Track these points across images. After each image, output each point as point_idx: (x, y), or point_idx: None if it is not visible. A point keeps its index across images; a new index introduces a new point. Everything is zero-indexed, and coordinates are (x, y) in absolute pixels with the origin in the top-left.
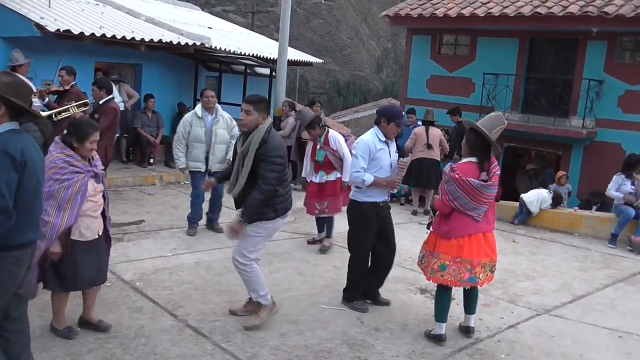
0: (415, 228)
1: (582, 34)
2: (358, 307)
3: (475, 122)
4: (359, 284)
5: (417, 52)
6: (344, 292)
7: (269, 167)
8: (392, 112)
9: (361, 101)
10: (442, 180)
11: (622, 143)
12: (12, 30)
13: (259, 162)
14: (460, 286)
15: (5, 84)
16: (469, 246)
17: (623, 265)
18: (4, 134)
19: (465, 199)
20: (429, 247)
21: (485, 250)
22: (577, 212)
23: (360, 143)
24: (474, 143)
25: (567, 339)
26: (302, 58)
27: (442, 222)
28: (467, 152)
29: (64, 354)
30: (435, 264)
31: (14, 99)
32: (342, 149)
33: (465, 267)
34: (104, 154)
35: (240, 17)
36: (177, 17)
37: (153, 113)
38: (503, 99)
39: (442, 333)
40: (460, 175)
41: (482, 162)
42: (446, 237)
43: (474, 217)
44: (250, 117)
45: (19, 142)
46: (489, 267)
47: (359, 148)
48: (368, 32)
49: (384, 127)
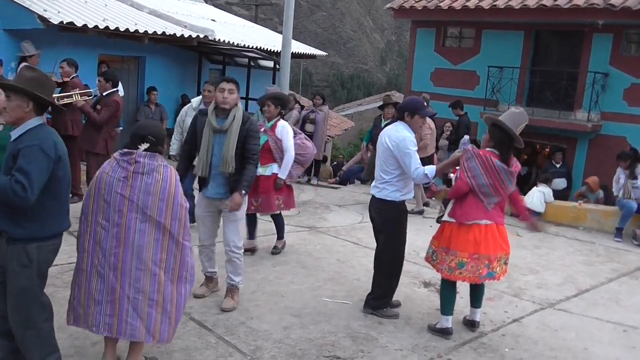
0: (419, 221)
1: (588, 26)
2: (391, 315)
3: (499, 118)
4: (393, 289)
5: (422, 45)
6: (374, 300)
7: (255, 142)
8: (415, 104)
9: (365, 94)
10: (461, 159)
11: (628, 136)
12: (15, 23)
13: (243, 138)
14: (479, 282)
15: (29, 79)
16: (486, 241)
17: (628, 259)
18: (34, 129)
19: (483, 178)
20: (442, 243)
21: (501, 244)
22: (582, 205)
23: (406, 140)
24: (499, 139)
25: (572, 333)
26: (306, 51)
27: (457, 206)
28: (489, 146)
29: (68, 346)
30: (452, 261)
31: (41, 93)
32: (287, 142)
33: (484, 262)
34: (104, 146)
35: (244, 9)
36: (180, 9)
37: (156, 106)
38: (508, 91)
39: (448, 326)
40: (483, 153)
41: (504, 157)
42: (462, 219)
43: (485, 205)
44: (234, 96)
45: (51, 137)
46: (504, 260)
47: (408, 144)
48: (372, 25)
49: (408, 122)
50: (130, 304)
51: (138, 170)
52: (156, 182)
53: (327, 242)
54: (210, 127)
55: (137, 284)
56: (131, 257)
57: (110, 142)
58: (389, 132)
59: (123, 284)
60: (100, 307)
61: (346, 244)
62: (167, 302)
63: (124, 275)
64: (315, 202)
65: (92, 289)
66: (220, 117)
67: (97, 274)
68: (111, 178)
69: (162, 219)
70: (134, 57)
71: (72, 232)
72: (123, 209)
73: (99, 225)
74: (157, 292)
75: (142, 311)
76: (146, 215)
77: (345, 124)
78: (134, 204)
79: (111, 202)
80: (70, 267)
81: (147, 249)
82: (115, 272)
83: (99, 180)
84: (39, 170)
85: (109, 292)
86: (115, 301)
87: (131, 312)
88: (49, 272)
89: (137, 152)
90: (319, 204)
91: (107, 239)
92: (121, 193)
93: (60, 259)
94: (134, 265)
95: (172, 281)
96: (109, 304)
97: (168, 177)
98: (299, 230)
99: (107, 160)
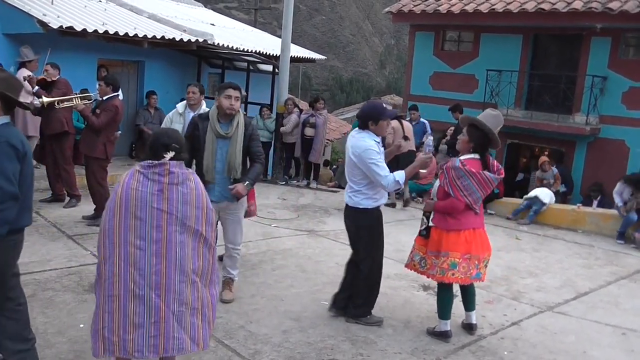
0: (417, 225)
1: (586, 30)
2: (374, 321)
3: (477, 118)
4: (374, 296)
5: (420, 49)
6: (355, 309)
7: (258, 144)
8: (374, 111)
9: (364, 98)
10: (448, 177)
11: (626, 140)
12: (15, 27)
13: (247, 142)
14: (468, 282)
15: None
16: (475, 242)
17: (627, 262)
18: (1, 127)
19: (479, 192)
20: (430, 247)
21: (487, 245)
22: (581, 208)
23: (368, 151)
24: (479, 140)
25: (571, 336)
26: (305, 55)
27: (449, 217)
28: (468, 149)
29: (67, 351)
30: (444, 263)
31: (9, 93)
32: None
33: (474, 263)
34: (104, 150)
35: (243, 13)
36: (179, 13)
37: (155, 110)
38: (506, 95)
39: (447, 329)
40: (476, 169)
41: (484, 159)
42: (454, 228)
43: (475, 210)
44: (239, 103)
45: (17, 134)
46: (486, 262)
47: (370, 155)
48: (371, 29)
49: (374, 129)
50: (175, 319)
51: (173, 182)
52: (190, 190)
53: (326, 246)
54: (214, 133)
55: (180, 297)
56: (174, 272)
57: (109, 146)
58: (352, 142)
59: (168, 301)
60: (142, 330)
61: (345, 247)
62: (205, 307)
63: (169, 291)
64: (314, 206)
65: (130, 313)
66: (223, 122)
67: (135, 298)
68: (143, 193)
69: (200, 227)
70: (133, 62)
71: (72, 236)
72: (162, 224)
73: (132, 246)
74: (197, 300)
75: (185, 322)
76: (185, 226)
77: (344, 127)
78: (173, 217)
79: (146, 219)
80: (69, 271)
81: (188, 260)
82: (158, 290)
83: (125, 197)
84: (11, 163)
85: (153, 314)
86: (161, 320)
87: (176, 326)
88: (47, 277)
89: (169, 162)
90: (318, 208)
91: (144, 259)
92: (158, 207)
93: (59, 263)
94: (177, 279)
95: (206, 286)
96: (153, 325)
97: (198, 184)
98: (298, 234)
99: (127, 176)
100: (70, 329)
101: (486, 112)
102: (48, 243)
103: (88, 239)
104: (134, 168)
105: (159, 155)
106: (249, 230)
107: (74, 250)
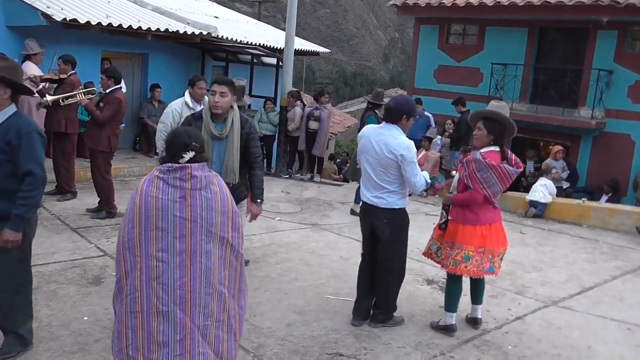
0: (422, 219)
1: (592, 23)
2: (399, 321)
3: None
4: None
5: (425, 42)
6: (383, 315)
7: (257, 144)
8: (410, 105)
9: (368, 91)
10: (468, 170)
11: (632, 134)
12: (18, 20)
13: (244, 142)
14: (481, 276)
15: (5, 68)
16: (490, 236)
17: (632, 257)
18: (15, 115)
19: (498, 186)
20: (447, 238)
21: (503, 240)
22: (586, 203)
23: (411, 149)
24: (497, 131)
25: (575, 331)
26: (309, 48)
27: (467, 210)
28: (487, 142)
29: (71, 343)
30: (458, 255)
31: (17, 80)
32: None
33: (487, 257)
34: (108, 143)
35: (247, 6)
36: (183, 6)
37: (159, 103)
38: (511, 89)
39: (452, 323)
40: (497, 162)
41: (503, 151)
42: (472, 223)
43: (494, 204)
44: (226, 99)
45: (35, 123)
46: (501, 256)
47: (413, 154)
48: (375, 22)
49: (405, 124)
50: (200, 333)
51: (196, 187)
52: (215, 195)
53: (330, 239)
54: (208, 134)
55: (206, 310)
56: (199, 284)
57: (113, 139)
58: (387, 139)
59: (193, 316)
60: (167, 349)
61: (349, 241)
62: (231, 318)
63: (194, 305)
64: (318, 199)
65: (153, 331)
66: (217, 121)
67: (158, 314)
68: (164, 201)
69: (226, 234)
70: (137, 54)
71: (76, 229)
72: (186, 233)
73: (154, 259)
74: (223, 312)
75: (210, 336)
76: (211, 234)
77: (348, 121)
78: (197, 225)
79: (168, 229)
80: (73, 263)
81: (214, 271)
82: (182, 305)
83: (144, 207)
84: (42, 151)
85: (178, 331)
86: (186, 337)
87: (201, 341)
88: (52, 269)
89: (191, 165)
90: (322, 201)
91: (167, 272)
92: (181, 215)
93: (63, 255)
94: (203, 291)
95: (233, 296)
96: (178, 343)
97: (223, 187)
98: (302, 228)
99: (145, 183)
100: (74, 321)
101: (491, 104)
102: (52, 236)
103: (92, 231)
104: (152, 173)
105: (178, 155)
106: (252, 223)
107: (77, 243)
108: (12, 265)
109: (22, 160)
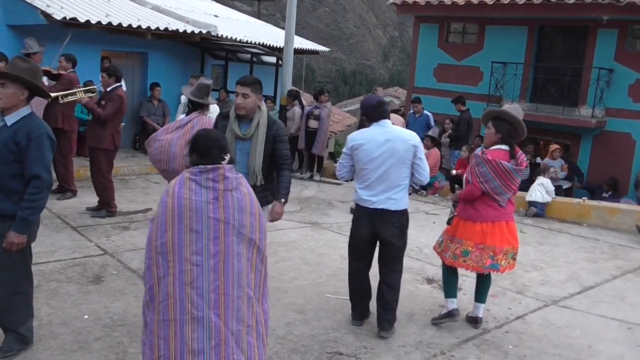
0: (422, 218)
1: (593, 21)
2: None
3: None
4: None
5: (425, 41)
6: (393, 318)
7: (285, 146)
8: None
9: (367, 90)
10: (470, 165)
11: (632, 133)
12: (18, 19)
13: (271, 144)
14: (482, 272)
15: (25, 69)
16: (492, 233)
17: (632, 256)
18: (29, 117)
19: (496, 181)
20: (450, 231)
21: (508, 238)
22: (586, 202)
23: (420, 145)
24: (505, 130)
25: (576, 330)
26: (309, 46)
27: (469, 205)
28: (495, 140)
29: (72, 342)
30: (457, 249)
31: (37, 82)
32: None
33: (488, 253)
34: (112, 141)
35: (247, 5)
36: (183, 5)
37: (159, 102)
38: (511, 88)
39: (454, 307)
40: (493, 157)
41: (512, 150)
42: (472, 219)
43: (499, 202)
44: (249, 100)
45: (47, 126)
46: (511, 255)
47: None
48: (375, 21)
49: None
50: (234, 339)
51: (228, 187)
52: (244, 196)
53: (330, 238)
54: (233, 134)
55: (238, 314)
56: (232, 287)
57: (117, 136)
58: (397, 133)
59: (227, 320)
60: (202, 357)
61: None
62: (259, 324)
63: (227, 309)
64: (317, 198)
65: (188, 339)
66: (243, 122)
67: (193, 320)
68: (197, 202)
69: (254, 235)
70: (137, 53)
71: (76, 227)
72: (220, 235)
73: (188, 263)
74: (251, 317)
75: (242, 342)
76: (241, 236)
77: (347, 120)
78: (229, 226)
79: (203, 231)
80: (73, 262)
81: (244, 273)
82: (217, 309)
83: (178, 209)
84: (50, 155)
85: (213, 336)
86: (221, 343)
87: (235, 347)
88: (52, 268)
89: (224, 167)
90: (322, 200)
91: (202, 276)
92: (215, 217)
93: (63, 254)
94: (235, 294)
95: (258, 300)
96: (213, 350)
97: (249, 188)
98: (302, 227)
99: (176, 184)
100: (74, 320)
101: (505, 106)
102: (52, 234)
103: (92, 230)
104: (182, 175)
105: (215, 159)
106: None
107: (78, 242)
108: (11, 265)
109: (30, 163)
